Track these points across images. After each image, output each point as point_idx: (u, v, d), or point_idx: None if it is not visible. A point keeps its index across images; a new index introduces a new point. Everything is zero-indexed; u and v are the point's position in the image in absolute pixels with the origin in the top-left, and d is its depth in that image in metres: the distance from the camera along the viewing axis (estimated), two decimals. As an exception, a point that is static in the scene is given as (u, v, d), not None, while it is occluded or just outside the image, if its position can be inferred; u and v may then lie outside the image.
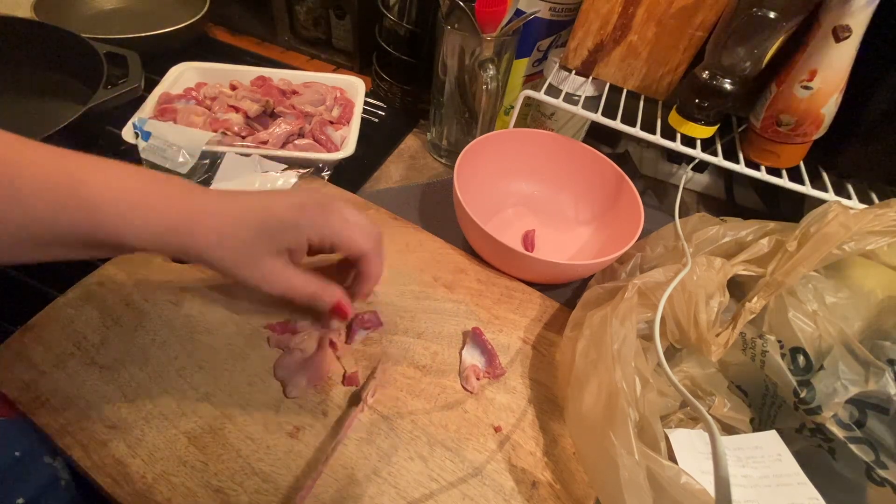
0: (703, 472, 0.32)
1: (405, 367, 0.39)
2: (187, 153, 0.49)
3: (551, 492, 0.34)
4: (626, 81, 0.53)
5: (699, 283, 0.36)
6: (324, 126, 0.56)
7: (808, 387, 0.34)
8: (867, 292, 0.37)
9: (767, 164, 0.49)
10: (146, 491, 0.31)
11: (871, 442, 0.33)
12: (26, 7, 0.64)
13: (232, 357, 0.37)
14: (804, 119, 0.44)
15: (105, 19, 0.73)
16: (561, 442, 0.37)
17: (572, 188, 0.56)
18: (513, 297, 0.46)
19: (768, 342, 0.36)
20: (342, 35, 0.72)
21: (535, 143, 0.55)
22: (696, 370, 0.40)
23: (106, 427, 0.33)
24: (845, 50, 0.40)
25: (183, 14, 0.68)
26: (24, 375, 0.34)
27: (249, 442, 0.33)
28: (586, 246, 0.54)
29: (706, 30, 0.46)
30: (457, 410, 0.37)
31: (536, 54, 0.58)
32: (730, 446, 0.35)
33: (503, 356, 0.41)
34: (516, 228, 0.55)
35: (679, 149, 0.49)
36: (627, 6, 0.47)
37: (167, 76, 0.57)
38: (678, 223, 0.43)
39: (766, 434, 0.36)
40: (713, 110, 0.47)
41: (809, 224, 0.37)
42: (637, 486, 0.28)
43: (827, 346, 0.35)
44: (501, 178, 0.56)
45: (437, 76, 0.54)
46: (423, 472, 0.34)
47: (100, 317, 0.38)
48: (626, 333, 0.33)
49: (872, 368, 0.33)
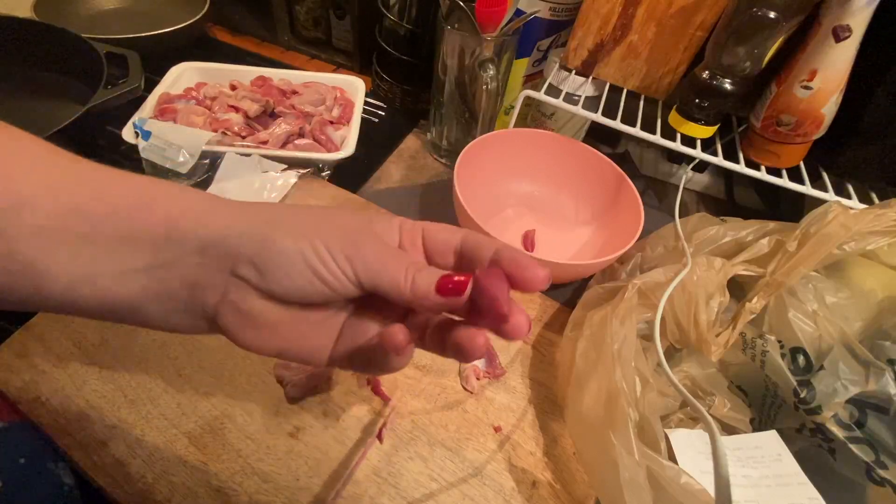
0: (704, 472, 0.32)
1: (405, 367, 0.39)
2: (187, 153, 0.49)
3: (551, 492, 0.34)
4: (627, 81, 0.53)
5: (699, 283, 0.36)
6: (324, 126, 0.56)
7: (808, 387, 0.34)
8: (867, 292, 0.37)
9: (767, 163, 0.49)
10: (146, 491, 0.31)
11: (871, 442, 0.33)
12: (26, 7, 0.64)
13: (232, 357, 0.37)
14: (804, 119, 0.44)
15: (105, 19, 0.73)
16: (561, 442, 0.37)
17: (572, 188, 0.56)
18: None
19: (768, 342, 0.36)
20: (342, 35, 0.72)
21: (535, 143, 0.55)
22: (696, 370, 0.39)
23: (106, 427, 0.33)
24: (845, 50, 0.40)
25: (183, 14, 0.68)
26: (24, 375, 0.34)
27: (249, 442, 0.33)
28: (586, 246, 0.54)
29: (706, 30, 0.46)
30: (457, 410, 0.37)
31: (536, 54, 0.58)
32: (730, 446, 0.35)
33: (503, 356, 0.41)
34: (516, 228, 0.55)
35: (679, 149, 0.49)
36: (627, 6, 0.47)
37: (167, 76, 0.57)
38: (678, 223, 0.43)
39: (766, 434, 0.36)
40: (713, 110, 0.46)
41: (809, 224, 0.37)
42: (637, 486, 0.28)
43: (827, 346, 0.35)
44: (501, 178, 0.56)
45: (437, 76, 0.54)
46: (423, 472, 0.34)
47: (100, 317, 0.38)
48: (626, 333, 0.33)
49: (872, 368, 0.33)
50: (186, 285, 0.20)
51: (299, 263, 0.20)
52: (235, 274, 0.20)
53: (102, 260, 0.19)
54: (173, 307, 0.20)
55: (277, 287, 0.20)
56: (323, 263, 0.20)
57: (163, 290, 0.20)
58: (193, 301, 0.20)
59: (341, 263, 0.20)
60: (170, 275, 0.20)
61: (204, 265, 0.20)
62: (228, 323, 0.21)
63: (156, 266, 0.20)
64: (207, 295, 0.20)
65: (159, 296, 0.20)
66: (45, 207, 0.18)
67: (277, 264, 0.20)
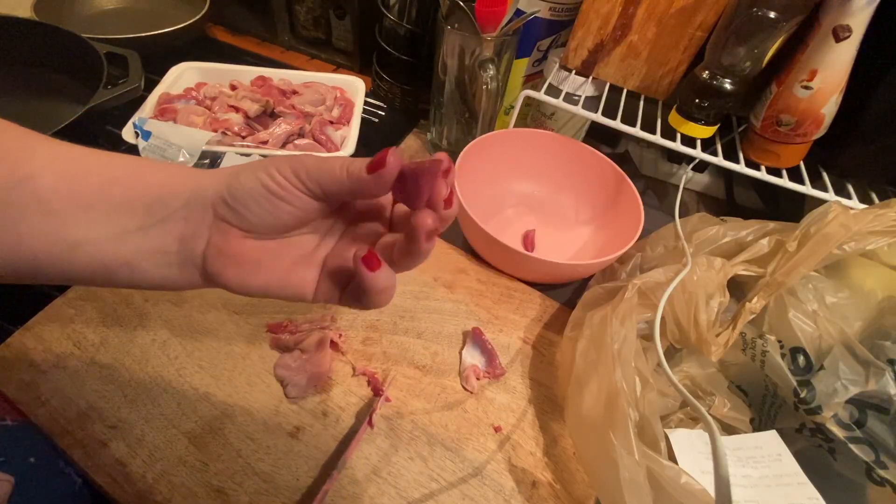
0: (704, 472, 0.32)
1: (405, 367, 0.39)
2: (187, 153, 0.49)
3: (551, 492, 0.34)
4: (627, 81, 0.53)
5: (699, 283, 0.36)
6: (324, 126, 0.56)
7: (808, 387, 0.34)
8: (867, 292, 0.37)
9: (767, 163, 0.49)
10: (146, 491, 0.31)
11: (871, 442, 0.33)
12: (26, 7, 0.64)
13: (232, 357, 0.37)
14: (804, 119, 0.44)
15: (105, 19, 0.73)
16: (561, 442, 0.37)
17: (572, 188, 0.56)
18: (513, 297, 0.46)
19: (768, 342, 0.36)
20: (342, 35, 0.72)
21: (535, 143, 0.55)
22: (697, 370, 0.40)
23: (106, 427, 0.33)
24: (845, 50, 0.40)
25: (183, 14, 0.68)
26: (24, 375, 0.34)
27: (249, 442, 0.33)
28: (586, 246, 0.54)
29: (706, 30, 0.46)
30: (457, 410, 0.37)
31: (536, 54, 0.58)
32: (730, 446, 0.35)
33: (503, 356, 0.41)
34: (516, 228, 0.55)
35: (679, 149, 0.49)
36: (627, 6, 0.47)
37: (167, 76, 0.57)
38: (678, 223, 0.43)
39: (766, 434, 0.36)
40: (713, 110, 0.46)
41: (809, 224, 0.37)
42: (637, 486, 0.28)
43: (827, 347, 0.35)
44: (501, 178, 0.56)
45: (437, 76, 0.54)
46: (423, 472, 0.34)
47: (100, 317, 0.38)
48: (627, 333, 0.33)
49: (872, 368, 0.33)
50: (176, 239, 0.23)
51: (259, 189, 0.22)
52: (216, 217, 0.23)
53: (100, 224, 0.21)
54: (166, 261, 0.23)
55: (251, 216, 0.23)
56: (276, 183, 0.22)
57: (155, 247, 0.22)
58: (184, 252, 0.23)
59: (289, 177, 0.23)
60: (161, 232, 0.22)
61: (189, 218, 0.23)
62: (214, 266, 0.23)
63: (148, 226, 0.22)
64: (195, 244, 0.23)
65: (153, 252, 0.22)
66: (45, 182, 0.21)
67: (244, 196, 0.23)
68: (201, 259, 0.23)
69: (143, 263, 0.22)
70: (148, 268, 0.23)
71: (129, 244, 0.22)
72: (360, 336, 0.40)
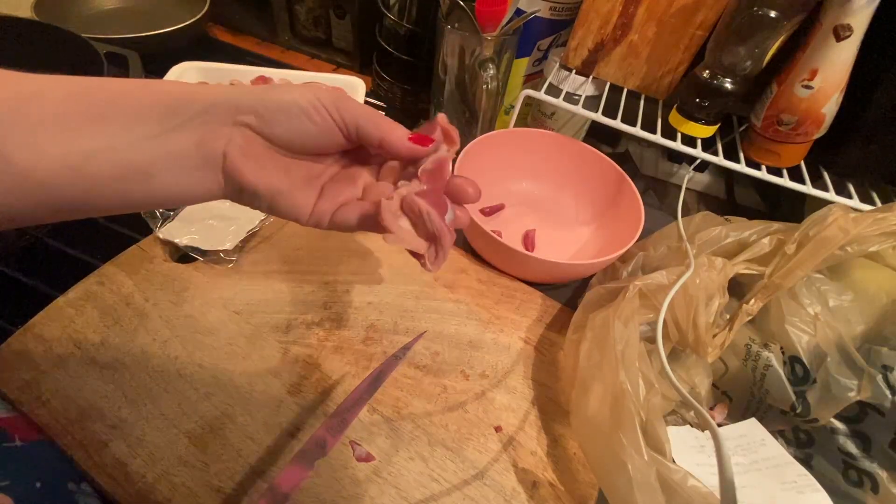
0: (698, 464, 0.33)
1: (405, 367, 0.39)
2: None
3: (552, 492, 0.34)
4: (627, 81, 0.53)
5: (701, 285, 0.36)
6: (324, 126, 0.56)
7: (803, 399, 0.35)
8: (872, 295, 0.37)
9: (768, 163, 0.49)
10: (147, 491, 0.31)
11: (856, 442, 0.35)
12: (26, 7, 0.64)
13: (232, 357, 0.37)
14: (805, 118, 0.44)
15: (105, 19, 0.73)
16: (562, 443, 0.37)
17: (572, 188, 0.56)
18: (514, 297, 0.46)
19: (773, 357, 0.37)
20: (342, 35, 0.72)
21: (535, 142, 0.55)
22: (682, 371, 0.40)
23: (106, 427, 0.33)
24: (846, 49, 0.40)
25: (183, 14, 0.68)
26: (24, 375, 0.34)
27: (250, 442, 0.33)
28: (587, 245, 0.54)
29: (707, 29, 0.46)
30: (457, 411, 0.37)
31: (537, 54, 0.58)
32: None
33: (504, 357, 0.41)
34: (517, 228, 0.55)
35: (680, 148, 0.49)
36: (628, 5, 0.47)
37: (167, 76, 0.57)
38: (681, 223, 0.43)
39: (747, 423, 0.37)
40: (714, 110, 0.46)
41: (809, 227, 0.37)
42: (648, 487, 0.28)
43: (824, 354, 0.35)
44: (501, 178, 0.56)
45: (437, 76, 0.54)
46: (423, 472, 0.34)
47: (100, 317, 0.38)
48: (629, 335, 0.33)
49: (866, 375, 0.33)
50: (195, 142, 0.23)
51: (295, 109, 0.23)
52: (238, 122, 0.23)
53: (114, 134, 0.21)
54: (184, 165, 0.23)
55: (278, 128, 0.23)
56: (316, 110, 0.24)
57: (173, 151, 0.22)
58: (203, 154, 0.23)
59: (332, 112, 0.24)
60: (178, 138, 0.22)
61: (209, 122, 0.23)
62: (236, 161, 0.23)
63: (166, 131, 0.22)
64: (216, 144, 0.23)
65: (170, 157, 0.22)
66: (55, 96, 0.21)
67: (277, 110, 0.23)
68: (222, 158, 0.23)
69: (161, 170, 0.22)
70: (165, 176, 0.22)
71: (146, 151, 0.22)
72: (360, 336, 0.40)
